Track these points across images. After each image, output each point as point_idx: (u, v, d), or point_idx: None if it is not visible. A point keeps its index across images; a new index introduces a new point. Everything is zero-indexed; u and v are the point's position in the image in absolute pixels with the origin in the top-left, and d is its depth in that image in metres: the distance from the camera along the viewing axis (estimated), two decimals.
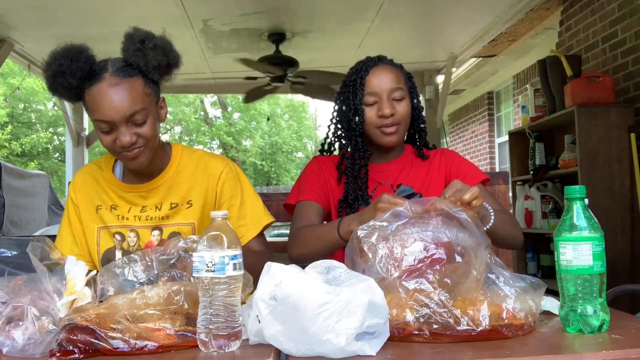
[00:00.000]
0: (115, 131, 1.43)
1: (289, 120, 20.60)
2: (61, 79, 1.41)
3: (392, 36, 5.11)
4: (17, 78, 13.29)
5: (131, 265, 1.15)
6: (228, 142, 18.51)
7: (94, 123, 1.45)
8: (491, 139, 7.91)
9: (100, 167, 1.64)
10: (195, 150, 1.67)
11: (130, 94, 1.41)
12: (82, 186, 1.63)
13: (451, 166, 1.70)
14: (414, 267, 1.02)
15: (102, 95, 1.40)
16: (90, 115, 1.45)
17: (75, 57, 1.41)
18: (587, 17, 3.96)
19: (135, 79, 1.43)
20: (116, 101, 1.40)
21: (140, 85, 1.44)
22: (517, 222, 1.63)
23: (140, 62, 1.42)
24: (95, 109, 1.42)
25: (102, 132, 1.44)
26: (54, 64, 1.41)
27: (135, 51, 1.42)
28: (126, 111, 1.40)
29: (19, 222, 3.99)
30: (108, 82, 1.41)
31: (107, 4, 4.21)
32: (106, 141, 1.45)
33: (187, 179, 1.59)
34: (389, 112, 1.60)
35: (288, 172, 19.74)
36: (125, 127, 1.42)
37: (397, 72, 1.66)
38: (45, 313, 1.02)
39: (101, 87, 1.40)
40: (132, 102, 1.41)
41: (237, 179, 1.62)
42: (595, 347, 0.94)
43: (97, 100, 1.41)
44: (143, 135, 1.45)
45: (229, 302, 0.96)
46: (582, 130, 3.40)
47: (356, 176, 1.65)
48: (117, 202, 1.59)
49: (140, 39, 1.42)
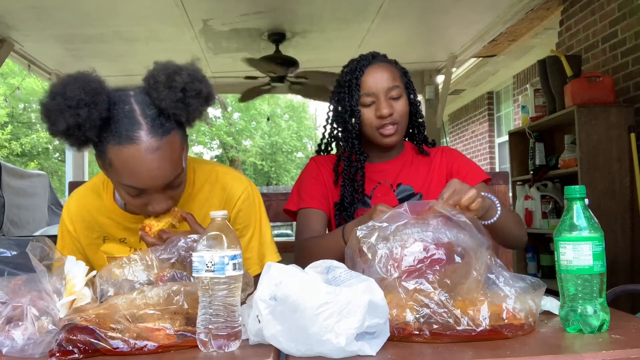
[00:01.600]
0: (145, 195, 1.23)
1: (289, 120, 20.61)
2: (77, 132, 1.14)
3: (392, 36, 5.11)
4: (17, 78, 13.28)
5: (131, 265, 1.15)
6: (228, 142, 18.51)
7: (117, 182, 1.22)
8: (491, 139, 7.91)
9: (98, 196, 1.43)
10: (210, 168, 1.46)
11: (171, 158, 1.20)
12: (81, 219, 1.43)
13: (452, 165, 1.68)
14: (413, 267, 1.02)
15: (140, 163, 1.16)
16: (112, 173, 1.21)
17: (94, 101, 1.13)
18: (587, 17, 3.96)
19: (173, 134, 1.20)
20: (156, 170, 1.17)
21: (178, 141, 1.22)
22: (521, 221, 1.62)
23: (182, 116, 1.19)
24: (126, 174, 1.18)
25: (129, 195, 1.23)
26: (68, 112, 1.12)
27: (176, 102, 1.17)
28: (167, 179, 1.21)
29: (19, 222, 3.99)
30: (147, 147, 1.16)
31: (107, 4, 4.21)
32: (133, 203, 1.25)
33: (200, 204, 1.41)
34: (388, 112, 1.57)
35: (288, 172, 19.75)
36: (161, 194, 1.23)
37: (393, 69, 1.63)
38: (44, 313, 1.01)
39: (137, 151, 1.16)
40: (173, 168, 1.21)
41: (253, 206, 1.45)
42: (595, 347, 0.94)
43: (130, 166, 1.17)
44: (177, 198, 1.29)
45: (228, 302, 0.96)
46: (582, 130, 3.40)
47: (353, 178, 1.63)
48: (125, 234, 1.41)
49: (181, 88, 1.17)
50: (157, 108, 1.19)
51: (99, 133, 1.16)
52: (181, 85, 1.17)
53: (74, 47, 5.17)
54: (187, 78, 1.18)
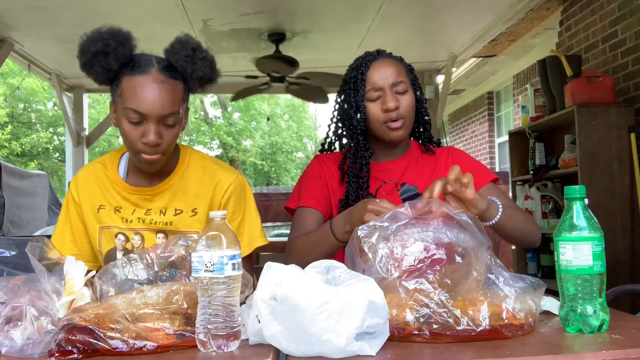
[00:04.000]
0: (142, 126, 1.41)
1: (289, 120, 20.61)
2: (102, 58, 1.40)
3: (392, 36, 5.11)
4: (17, 78, 13.29)
5: (131, 265, 1.15)
6: (228, 142, 18.51)
7: (123, 110, 1.42)
8: (491, 139, 7.91)
9: (104, 166, 1.60)
10: (204, 156, 1.64)
11: (171, 94, 1.42)
12: (85, 185, 1.59)
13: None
14: (414, 267, 1.02)
15: (145, 88, 1.40)
16: (120, 101, 1.43)
17: (122, 41, 1.41)
18: (587, 17, 3.96)
19: (178, 82, 1.45)
20: (157, 97, 1.40)
21: (181, 90, 1.45)
22: (531, 218, 1.60)
23: (187, 69, 1.44)
24: (132, 98, 1.40)
25: (130, 121, 1.42)
26: (100, 42, 1.39)
27: (185, 57, 1.43)
28: (164, 110, 1.40)
29: (19, 222, 3.99)
30: (154, 77, 1.41)
31: (107, 4, 4.21)
32: (131, 133, 1.42)
33: (193, 185, 1.56)
34: (394, 106, 1.56)
35: (288, 172, 19.75)
36: (155, 125, 1.41)
37: (398, 65, 1.63)
38: (44, 313, 1.01)
39: (145, 79, 1.40)
40: (171, 102, 1.42)
41: (243, 194, 1.60)
42: (595, 347, 0.94)
43: (137, 90, 1.40)
44: (167, 139, 1.44)
45: (227, 302, 0.96)
46: (582, 130, 3.40)
47: (358, 175, 1.62)
48: (121, 203, 1.56)
49: (192, 47, 1.44)
50: (169, 62, 1.45)
51: (120, 66, 1.42)
52: (193, 45, 1.45)
53: (74, 47, 5.13)
54: (199, 45, 1.46)
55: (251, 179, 18.99)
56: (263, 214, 2.19)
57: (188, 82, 1.47)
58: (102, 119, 7.55)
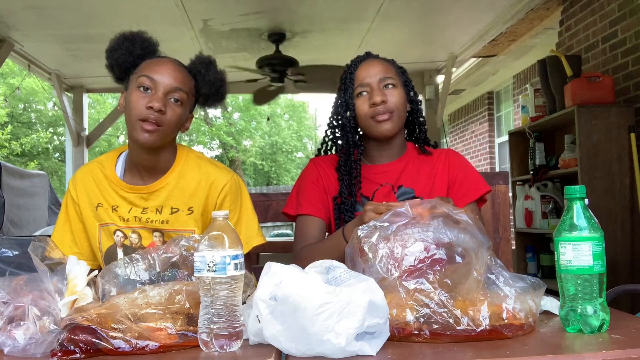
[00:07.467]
0: (150, 94, 1.49)
1: (289, 120, 20.60)
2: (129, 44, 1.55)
3: (392, 36, 5.11)
4: (17, 78, 13.28)
5: (133, 265, 1.15)
6: (228, 142, 18.50)
7: (136, 81, 1.51)
8: (491, 139, 7.91)
9: (102, 165, 1.63)
10: (201, 155, 1.66)
11: (183, 76, 1.54)
12: (83, 184, 1.61)
13: (457, 173, 1.68)
14: (414, 267, 1.02)
15: (161, 63, 1.53)
16: (135, 77, 1.52)
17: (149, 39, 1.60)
18: (587, 17, 3.96)
19: (190, 78, 1.57)
20: (171, 70, 1.52)
21: (190, 84, 1.57)
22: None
23: (201, 70, 1.58)
24: (147, 67, 1.52)
25: (139, 88, 1.49)
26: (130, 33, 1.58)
27: (201, 62, 1.60)
28: (173, 82, 1.50)
29: (19, 222, 3.99)
30: (171, 60, 1.56)
31: (107, 4, 4.21)
32: (138, 101, 1.48)
33: (189, 184, 1.58)
34: (380, 99, 1.58)
35: (288, 172, 19.74)
36: (162, 95, 1.48)
37: (387, 64, 1.67)
38: (46, 313, 1.02)
39: (161, 58, 1.56)
40: (181, 80, 1.52)
41: (238, 193, 1.62)
42: (595, 347, 0.94)
43: (153, 63, 1.53)
44: (169, 115, 1.50)
45: (230, 302, 0.96)
46: (582, 130, 3.40)
47: (350, 172, 1.64)
48: (118, 201, 1.58)
49: (210, 60, 1.62)
50: None
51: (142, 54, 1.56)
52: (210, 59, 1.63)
53: (74, 47, 5.17)
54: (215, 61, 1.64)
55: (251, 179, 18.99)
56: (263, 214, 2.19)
57: (199, 83, 1.58)
58: (102, 119, 7.55)
